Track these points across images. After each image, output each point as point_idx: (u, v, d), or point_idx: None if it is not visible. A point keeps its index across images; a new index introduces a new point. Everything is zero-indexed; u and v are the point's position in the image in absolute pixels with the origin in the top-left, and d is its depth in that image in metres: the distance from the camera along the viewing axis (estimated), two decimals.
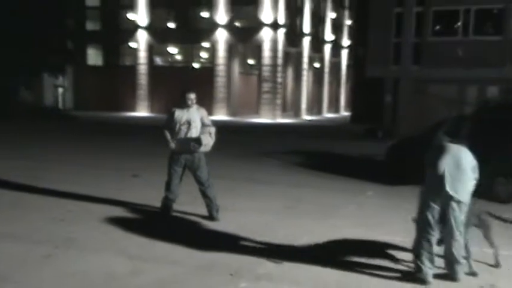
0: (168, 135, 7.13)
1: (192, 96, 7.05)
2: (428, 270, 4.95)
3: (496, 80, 22.37)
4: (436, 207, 4.98)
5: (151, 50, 36.99)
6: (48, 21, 27.10)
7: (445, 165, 4.97)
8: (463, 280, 5.03)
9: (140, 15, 36.50)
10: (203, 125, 7.12)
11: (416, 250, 5.04)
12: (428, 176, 5.09)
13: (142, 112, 36.68)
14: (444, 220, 5.02)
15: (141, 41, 36.77)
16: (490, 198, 8.85)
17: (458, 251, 5.03)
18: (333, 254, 5.78)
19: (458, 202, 4.95)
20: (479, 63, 21.65)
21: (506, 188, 9.06)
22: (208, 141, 7.07)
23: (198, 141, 7.00)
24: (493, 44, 22.17)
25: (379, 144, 15.47)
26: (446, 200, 4.95)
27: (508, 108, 12.21)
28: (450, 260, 5.05)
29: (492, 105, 18.56)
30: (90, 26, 38.24)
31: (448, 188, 4.92)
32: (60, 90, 35.36)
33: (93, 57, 39.11)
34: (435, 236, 5.05)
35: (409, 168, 9.61)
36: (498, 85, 22.77)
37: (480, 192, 5.37)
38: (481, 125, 9.96)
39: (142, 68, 36.94)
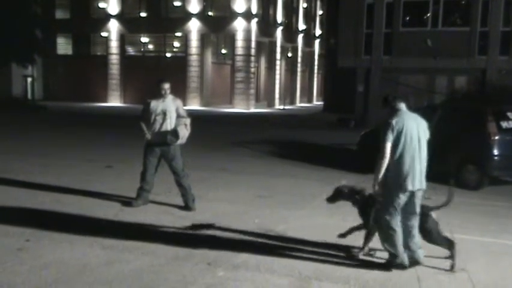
0: (144, 126, 7.11)
1: (167, 86, 7.04)
2: (405, 255, 5.02)
3: (464, 70, 22.88)
4: (403, 198, 4.96)
5: (123, 40, 36.44)
6: (16, 9, 26.39)
7: (409, 155, 4.90)
8: (434, 263, 5.17)
9: (111, 4, 35.86)
10: (178, 116, 7.13)
11: (389, 242, 5.01)
12: (393, 167, 4.96)
13: (114, 102, 36.17)
14: (406, 210, 5.02)
15: (112, 30, 36.16)
16: (459, 186, 9.11)
17: (418, 237, 5.14)
18: (308, 243, 5.85)
19: (423, 190, 5.03)
20: (448, 53, 22.11)
21: (475, 176, 9.29)
22: (184, 133, 7.09)
23: (175, 134, 7.00)
24: (461, 35, 22.64)
25: (352, 134, 15.65)
26: (414, 191, 4.96)
27: (477, 97, 12.51)
28: (413, 247, 5.07)
29: (461, 94, 18.99)
30: (59, 14, 37.42)
31: (417, 184, 4.93)
32: (29, 80, 34.51)
33: (63, 46, 38.34)
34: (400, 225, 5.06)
35: None
36: (466, 75, 23.30)
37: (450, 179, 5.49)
38: (451, 114, 10.20)
39: (114, 57, 36.38)
